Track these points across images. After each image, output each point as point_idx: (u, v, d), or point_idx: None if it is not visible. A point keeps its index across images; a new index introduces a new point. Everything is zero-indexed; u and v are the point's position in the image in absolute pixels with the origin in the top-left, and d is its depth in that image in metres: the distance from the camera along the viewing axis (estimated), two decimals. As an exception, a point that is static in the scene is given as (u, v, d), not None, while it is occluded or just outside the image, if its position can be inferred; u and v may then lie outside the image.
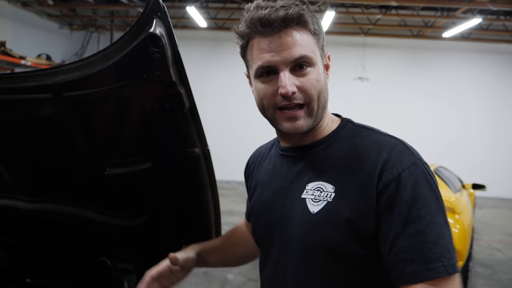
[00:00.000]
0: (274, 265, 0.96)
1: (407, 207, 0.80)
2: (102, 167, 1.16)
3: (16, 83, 1.02)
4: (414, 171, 0.82)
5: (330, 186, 0.87)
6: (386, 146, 0.87)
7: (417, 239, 0.79)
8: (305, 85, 0.86)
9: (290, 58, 0.85)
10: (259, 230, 1.02)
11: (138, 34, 0.79)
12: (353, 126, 0.97)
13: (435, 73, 10.02)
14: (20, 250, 1.59)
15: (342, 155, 0.90)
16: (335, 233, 0.85)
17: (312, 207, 0.88)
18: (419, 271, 0.78)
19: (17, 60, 6.98)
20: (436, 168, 4.80)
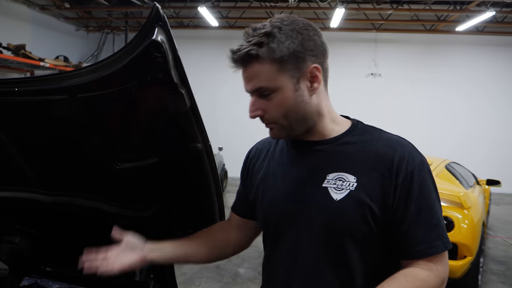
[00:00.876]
0: (292, 247, 1.06)
1: (416, 197, 0.98)
2: (113, 162, 1.25)
3: (36, 86, 1.12)
4: (422, 168, 1.01)
5: (352, 177, 1.00)
6: (399, 145, 1.03)
7: (423, 224, 0.98)
8: (268, 108, 1.00)
9: (251, 89, 1.00)
10: (275, 216, 1.10)
11: (142, 41, 0.89)
12: (364, 126, 1.11)
13: (448, 68, 9.91)
14: (41, 240, 1.71)
15: (359, 149, 1.04)
16: (356, 218, 0.99)
17: (335, 195, 1.00)
18: (425, 249, 0.97)
19: (37, 62, 7.20)
20: (448, 164, 4.80)
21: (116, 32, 10.76)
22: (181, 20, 10.09)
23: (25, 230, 1.69)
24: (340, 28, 9.50)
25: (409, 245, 0.99)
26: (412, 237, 0.98)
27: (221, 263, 4.45)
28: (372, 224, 0.99)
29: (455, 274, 3.37)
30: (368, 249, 1.01)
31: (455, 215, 3.37)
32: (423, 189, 0.99)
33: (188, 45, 9.97)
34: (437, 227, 0.99)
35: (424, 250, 0.98)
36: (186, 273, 4.07)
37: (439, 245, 0.98)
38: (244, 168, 1.26)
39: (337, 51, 10.15)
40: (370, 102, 9.83)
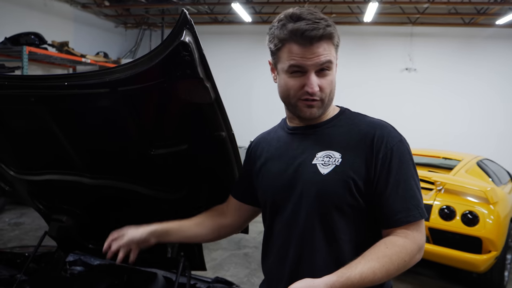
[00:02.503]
0: (288, 218, 1.19)
1: (395, 171, 1.10)
2: (148, 148, 1.40)
3: (82, 80, 1.28)
4: (400, 145, 1.13)
5: (337, 153, 1.14)
6: (379, 125, 1.17)
7: (401, 195, 1.09)
8: (324, 85, 1.14)
9: (319, 63, 1.11)
10: (272, 192, 1.24)
11: (172, 42, 1.03)
12: (350, 112, 1.26)
13: (488, 63, 9.53)
14: (85, 220, 1.87)
15: (345, 131, 1.18)
16: (341, 189, 1.10)
17: (322, 169, 1.13)
18: (403, 218, 1.09)
19: (79, 58, 7.54)
20: (480, 160, 4.73)
21: (153, 28, 11.08)
22: (215, 16, 10.27)
23: (71, 210, 1.85)
24: (374, 22, 9.38)
25: (388, 215, 1.10)
26: (391, 207, 1.09)
27: (250, 251, 4.60)
28: (357, 195, 1.10)
29: (479, 268, 3.37)
30: (353, 220, 1.13)
31: (480, 210, 3.36)
32: (401, 164, 1.11)
33: (222, 40, 10.14)
34: (413, 198, 1.10)
35: (401, 219, 1.08)
36: (216, 259, 4.25)
37: (416, 214, 1.09)
38: (246, 158, 1.41)
39: (371, 45, 10.03)
40: (405, 97, 9.65)
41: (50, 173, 1.72)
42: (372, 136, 1.13)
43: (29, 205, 2.02)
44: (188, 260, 1.73)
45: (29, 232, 5.00)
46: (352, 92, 8.42)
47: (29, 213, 5.71)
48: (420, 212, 1.10)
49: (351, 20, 9.67)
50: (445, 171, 4.61)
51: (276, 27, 1.14)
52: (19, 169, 1.78)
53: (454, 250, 3.44)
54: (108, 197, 1.72)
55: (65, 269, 2.03)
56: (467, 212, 3.40)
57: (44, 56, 7.02)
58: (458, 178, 3.93)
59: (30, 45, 6.34)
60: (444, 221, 3.47)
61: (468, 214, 3.39)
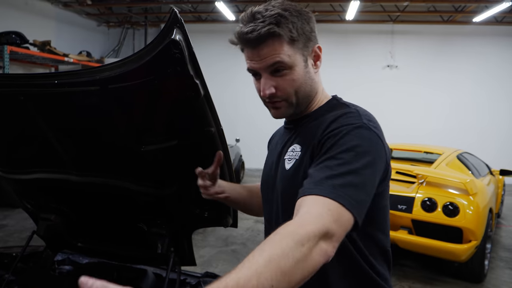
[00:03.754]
0: (269, 217, 1.19)
1: (328, 149, 0.93)
2: (138, 145, 1.42)
3: (72, 78, 1.29)
4: (351, 129, 0.94)
5: (298, 147, 1.08)
6: (344, 111, 1.02)
7: (322, 170, 0.90)
8: (281, 85, 1.04)
9: (266, 65, 1.03)
10: (261, 187, 1.25)
11: (163, 40, 1.06)
12: (336, 102, 1.13)
13: (466, 59, 9.80)
14: (73, 218, 1.86)
15: (316, 123, 1.06)
16: (297, 183, 0.98)
17: (287, 165, 1.08)
18: (308, 189, 0.87)
19: (61, 58, 7.45)
20: (460, 154, 4.87)
21: (136, 27, 10.99)
22: (199, 14, 10.25)
23: (59, 208, 1.84)
24: (356, 20, 9.51)
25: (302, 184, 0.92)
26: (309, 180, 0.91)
27: (237, 247, 4.64)
28: None
29: (460, 257, 3.49)
30: None
31: (460, 201, 3.47)
32: (340, 145, 0.92)
33: (206, 39, 10.13)
34: (336, 177, 0.87)
35: (306, 189, 0.88)
36: (204, 256, 4.27)
37: (323, 189, 0.85)
38: None
39: (353, 43, 10.17)
40: (386, 93, 9.83)
41: (38, 172, 1.71)
42: (329, 122, 1.00)
43: (17, 205, 2.01)
44: (178, 256, 1.75)
45: (13, 234, 4.93)
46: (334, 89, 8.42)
47: (12, 215, 5.62)
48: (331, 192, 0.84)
49: (333, 18, 9.77)
50: (426, 165, 4.73)
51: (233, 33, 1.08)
52: (7, 168, 1.77)
53: (436, 241, 3.54)
54: (97, 195, 1.72)
55: (53, 268, 2.02)
56: (448, 203, 3.50)
57: (25, 56, 6.91)
58: (439, 171, 4.04)
59: (11, 44, 6.25)
60: (426, 212, 3.57)
61: (449, 205, 3.50)
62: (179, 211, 1.67)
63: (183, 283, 1.85)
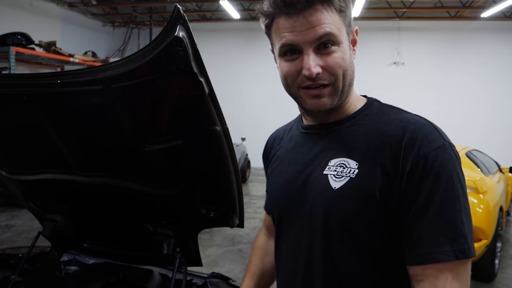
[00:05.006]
0: (295, 240, 0.98)
1: (428, 189, 0.79)
2: (143, 145, 1.40)
3: (75, 78, 1.27)
4: (441, 153, 0.80)
5: (353, 162, 0.87)
6: (413, 125, 0.85)
7: (431, 222, 0.78)
8: (329, 64, 0.86)
9: (314, 37, 0.84)
10: (279, 206, 1.04)
11: (166, 37, 1.03)
12: (380, 105, 0.97)
13: (475, 55, 9.71)
14: (79, 219, 1.86)
15: (367, 132, 0.90)
16: (357, 209, 0.84)
17: (334, 183, 0.88)
18: (428, 253, 0.77)
19: (67, 58, 7.48)
20: (469, 151, 4.81)
21: (141, 27, 11.01)
22: (204, 13, 10.24)
23: (65, 209, 1.84)
24: (361, 17, 9.44)
25: (409, 247, 0.80)
26: (413, 235, 0.80)
27: (244, 247, 4.62)
28: (375, 217, 0.84)
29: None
30: (373, 253, 0.86)
31: (470, 199, 3.43)
32: (439, 180, 0.79)
33: (211, 37, 10.13)
34: (449, 228, 0.77)
35: (425, 254, 0.78)
36: (211, 256, 4.26)
37: (448, 252, 0.76)
38: (263, 160, 1.23)
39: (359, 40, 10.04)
40: (393, 91, 9.75)
41: (44, 173, 1.71)
42: (400, 138, 0.83)
43: (22, 206, 2.01)
44: (184, 256, 1.74)
45: (21, 234, 4.96)
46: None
47: (20, 215, 5.66)
48: (456, 249, 0.76)
49: (339, 15, 9.70)
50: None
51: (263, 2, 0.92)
52: (12, 169, 1.77)
53: (446, 240, 3.49)
54: (103, 195, 1.71)
55: (59, 269, 2.02)
56: (457, 202, 3.46)
57: (31, 56, 6.95)
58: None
59: (17, 45, 6.27)
60: (435, 211, 3.53)
61: (458, 204, 3.45)
62: (185, 212, 1.65)
63: (189, 283, 1.83)
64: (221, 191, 1.54)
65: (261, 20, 0.95)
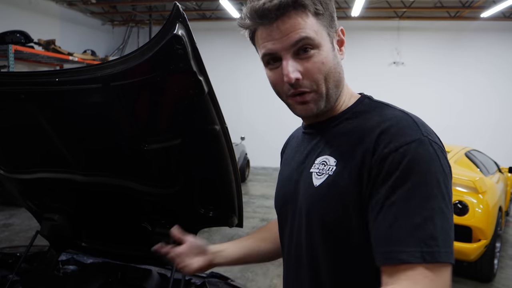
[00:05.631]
0: (289, 237, 1.01)
1: (396, 185, 0.75)
2: (141, 144, 1.39)
3: (73, 76, 1.27)
4: (414, 147, 0.76)
5: (333, 159, 0.88)
6: (390, 120, 0.83)
7: (399, 220, 0.74)
8: (309, 70, 0.86)
9: (290, 43, 0.85)
10: (277, 203, 1.08)
11: (165, 35, 1.02)
12: (370, 101, 0.95)
13: (474, 55, 9.70)
14: (77, 218, 1.86)
15: (350, 129, 0.89)
16: (332, 207, 0.85)
17: (315, 180, 0.89)
18: (394, 252, 0.73)
19: (66, 57, 7.47)
20: (468, 151, 4.81)
21: (140, 25, 10.99)
22: (203, 12, 10.23)
23: (63, 208, 1.83)
24: (361, 17, 9.44)
25: (377, 244, 0.76)
26: (380, 232, 0.76)
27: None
28: (351, 215, 0.82)
29: (469, 257, 3.44)
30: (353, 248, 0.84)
31: (469, 199, 3.43)
32: (409, 176, 0.74)
33: (210, 37, 10.12)
34: (417, 228, 0.72)
35: (392, 254, 0.73)
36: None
37: (415, 253, 0.71)
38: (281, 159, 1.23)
39: (359, 40, 10.09)
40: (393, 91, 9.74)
41: (41, 171, 1.70)
42: (375, 133, 0.81)
43: (20, 205, 2.00)
44: (183, 256, 1.73)
45: (19, 233, 4.95)
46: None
47: (18, 214, 5.64)
48: (424, 252, 0.71)
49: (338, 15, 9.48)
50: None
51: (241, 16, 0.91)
52: (9, 168, 1.76)
53: (445, 240, 3.49)
54: (101, 194, 1.71)
55: (58, 268, 2.01)
56: (456, 202, 3.46)
57: (30, 55, 6.93)
58: (447, 169, 3.99)
59: (16, 43, 6.26)
60: (434, 211, 3.53)
61: (458, 204, 3.45)
62: (184, 211, 1.64)
63: (188, 283, 1.82)
64: (220, 191, 1.53)
65: (245, 34, 0.95)
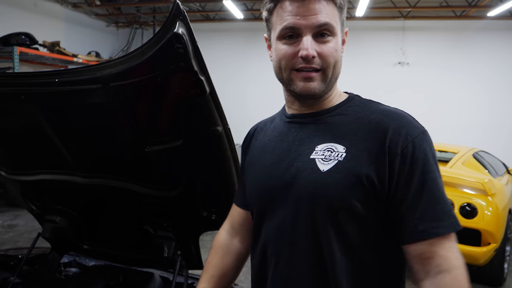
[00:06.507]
0: (277, 225, 0.98)
1: (419, 170, 0.87)
2: (142, 145, 1.37)
3: (73, 77, 1.24)
4: (424, 138, 0.90)
5: (341, 147, 0.92)
6: (396, 114, 0.93)
7: (428, 199, 0.86)
8: (324, 52, 0.92)
9: (315, 23, 0.91)
10: (260, 191, 1.03)
11: (165, 34, 1.00)
12: (360, 99, 1.03)
13: (481, 55, 9.57)
14: (79, 220, 1.83)
15: (352, 120, 0.95)
16: (345, 191, 0.88)
17: (322, 166, 0.91)
18: (431, 228, 0.85)
19: (70, 58, 7.47)
20: (476, 152, 4.74)
21: (144, 27, 10.99)
22: (207, 13, 10.21)
23: (64, 210, 1.81)
24: (366, 17, 9.37)
25: (411, 225, 0.86)
26: (412, 213, 0.86)
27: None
28: (363, 199, 0.88)
29: (479, 261, 3.38)
30: (361, 234, 0.90)
31: (478, 202, 3.37)
32: (427, 162, 0.88)
33: (214, 38, 10.09)
34: (444, 203, 0.87)
35: (429, 230, 0.85)
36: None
37: (448, 225, 0.86)
38: (242, 152, 1.21)
39: (363, 40, 10.01)
40: (398, 91, 9.68)
41: (43, 173, 1.69)
42: (386, 126, 0.90)
43: (22, 206, 1.98)
44: (185, 259, 1.70)
45: (23, 234, 4.95)
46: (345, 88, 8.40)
47: (23, 215, 5.64)
48: (453, 222, 0.87)
49: (343, 15, 9.65)
50: (441, 164, 4.61)
51: None
52: (11, 170, 1.75)
53: (453, 243, 3.44)
54: (103, 197, 1.69)
55: (59, 271, 1.99)
56: (465, 204, 3.40)
57: (35, 56, 6.94)
58: (455, 170, 3.94)
59: (21, 45, 6.27)
60: (441, 214, 3.47)
61: (466, 207, 3.39)
62: (186, 214, 1.62)
63: (190, 287, 1.80)
64: (223, 194, 1.50)
65: (263, 6, 1.00)
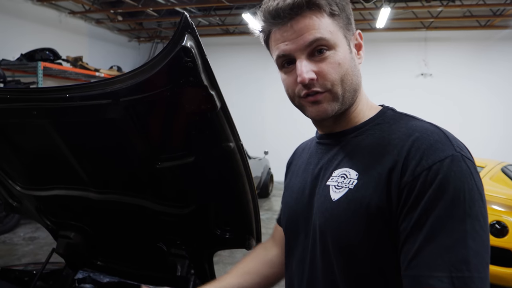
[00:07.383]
0: (300, 255, 0.94)
1: (428, 204, 0.70)
2: (154, 162, 1.34)
3: (84, 92, 1.23)
4: (448, 165, 0.71)
5: (354, 172, 0.82)
6: (419, 132, 0.78)
7: (429, 243, 0.69)
8: (324, 70, 0.83)
9: (304, 44, 0.82)
10: (287, 218, 1.01)
11: (174, 48, 0.96)
12: (393, 113, 0.90)
13: (505, 65, 9.34)
14: (93, 236, 1.82)
15: (372, 141, 0.84)
16: (351, 222, 0.79)
17: (333, 194, 0.83)
18: (423, 277, 0.68)
19: (93, 73, 7.65)
20: (505, 166, 4.58)
21: (165, 41, 11.18)
22: (227, 27, 10.31)
23: (79, 226, 1.81)
24: (387, 28, 9.28)
25: (406, 267, 0.72)
26: (409, 254, 0.71)
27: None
28: (369, 233, 0.77)
29: (509, 283, 3.20)
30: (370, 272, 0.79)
31: (509, 219, 3.20)
32: (443, 194, 0.70)
33: (234, 51, 10.17)
34: (448, 251, 0.67)
35: (421, 278, 0.68)
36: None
37: (444, 278, 0.66)
38: (285, 172, 1.17)
39: (385, 52, 9.92)
40: (421, 103, 9.49)
41: (57, 188, 1.68)
42: (403, 147, 0.77)
43: (37, 221, 1.98)
44: (199, 278, 1.65)
45: (43, 247, 5.00)
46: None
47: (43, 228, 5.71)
48: (454, 277, 0.66)
49: (363, 27, 9.59)
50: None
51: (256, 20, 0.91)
52: (26, 184, 1.75)
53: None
54: (116, 213, 1.66)
55: (74, 287, 1.97)
56: (494, 222, 3.24)
57: (58, 71, 7.13)
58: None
59: (45, 60, 6.45)
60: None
61: (496, 225, 3.23)
62: (199, 232, 1.57)
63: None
64: (237, 211, 1.45)
65: (260, 38, 0.95)
